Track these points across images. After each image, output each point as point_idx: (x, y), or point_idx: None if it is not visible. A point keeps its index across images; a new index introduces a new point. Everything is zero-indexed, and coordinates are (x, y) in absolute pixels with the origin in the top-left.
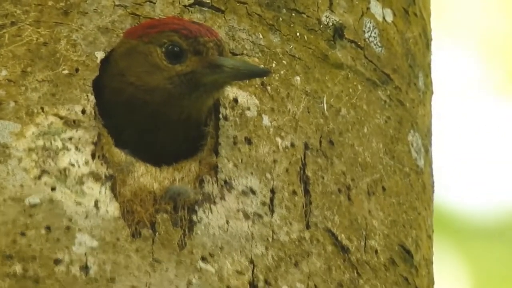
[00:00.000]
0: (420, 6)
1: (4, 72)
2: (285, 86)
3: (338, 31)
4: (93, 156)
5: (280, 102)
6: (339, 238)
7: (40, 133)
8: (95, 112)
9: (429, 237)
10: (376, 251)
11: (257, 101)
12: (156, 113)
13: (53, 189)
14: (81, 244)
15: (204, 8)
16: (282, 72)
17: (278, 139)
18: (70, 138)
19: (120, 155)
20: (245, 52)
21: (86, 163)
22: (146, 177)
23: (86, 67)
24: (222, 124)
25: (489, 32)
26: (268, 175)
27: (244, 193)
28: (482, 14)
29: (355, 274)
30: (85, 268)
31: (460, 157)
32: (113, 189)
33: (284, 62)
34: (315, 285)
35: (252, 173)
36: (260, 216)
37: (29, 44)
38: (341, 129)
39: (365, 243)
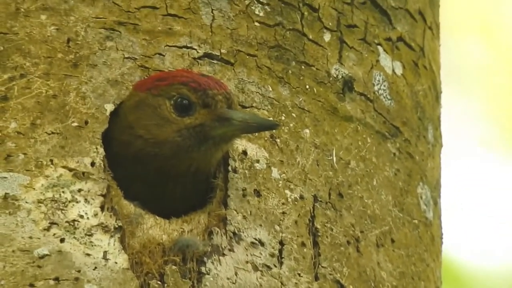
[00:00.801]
0: (430, 58)
1: (13, 124)
2: (295, 139)
3: (348, 84)
4: (102, 208)
5: (289, 155)
6: None
7: (49, 185)
8: (104, 165)
9: None
10: None
11: (266, 154)
12: (165, 165)
13: (62, 240)
14: None
15: (213, 61)
16: (291, 124)
17: (287, 192)
18: (79, 190)
19: (129, 207)
20: (254, 104)
21: (95, 215)
22: (155, 229)
23: (96, 119)
24: (231, 176)
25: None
26: (277, 227)
27: (253, 244)
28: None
29: None
30: None
31: (474, 215)
32: (122, 241)
33: (294, 114)
34: None
35: (261, 225)
36: (269, 267)
37: (39, 97)
38: (350, 181)
39: None
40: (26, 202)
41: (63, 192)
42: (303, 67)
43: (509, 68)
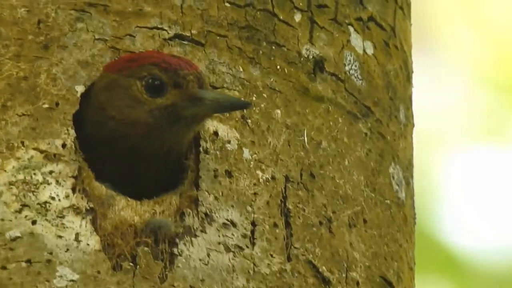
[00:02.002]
0: (401, 38)
1: None
2: (266, 119)
3: (319, 64)
4: (73, 189)
5: (260, 135)
6: (320, 270)
7: (21, 167)
8: (75, 146)
9: (411, 269)
10: (358, 283)
11: (237, 134)
12: (137, 146)
13: (33, 222)
14: (62, 277)
15: (184, 42)
16: (262, 105)
17: (259, 172)
18: (51, 172)
19: (100, 188)
20: (225, 85)
21: (67, 196)
22: (127, 210)
23: (66, 101)
24: (203, 157)
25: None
26: (249, 208)
27: (225, 225)
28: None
29: None
30: None
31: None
32: (93, 222)
33: (265, 95)
34: None
35: (232, 206)
36: (241, 248)
37: (9, 79)
38: (322, 162)
39: (346, 275)
40: None
41: (34, 174)
42: (274, 47)
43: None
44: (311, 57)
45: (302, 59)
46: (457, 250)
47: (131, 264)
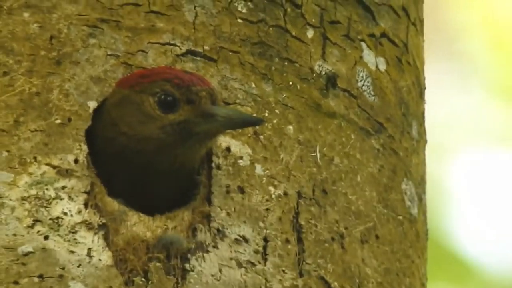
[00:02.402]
0: (414, 54)
1: None
2: (278, 135)
3: (331, 80)
4: (86, 205)
5: (273, 151)
6: (332, 286)
7: (33, 183)
8: (88, 162)
9: (423, 285)
10: None
11: (250, 150)
12: (149, 162)
13: (46, 238)
14: None
15: (196, 58)
16: (274, 121)
17: (271, 188)
18: (63, 187)
19: (113, 204)
20: (237, 101)
21: (79, 212)
22: (139, 226)
23: (79, 116)
24: (215, 173)
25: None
26: (261, 224)
27: (237, 241)
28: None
29: None
30: None
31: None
32: (106, 238)
33: (277, 111)
34: None
35: (245, 222)
36: (253, 264)
37: (22, 94)
38: (334, 178)
39: None
40: (10, 200)
41: (46, 189)
42: (286, 63)
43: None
44: (323, 73)
45: (314, 75)
46: (470, 259)
47: (143, 279)
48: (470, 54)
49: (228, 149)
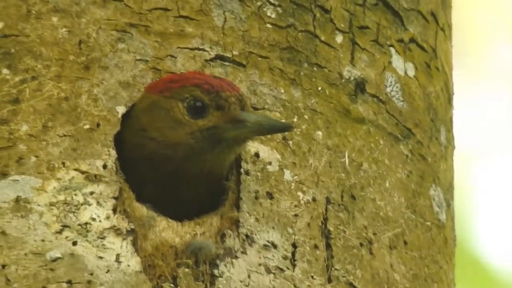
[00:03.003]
0: (442, 60)
1: (25, 127)
2: (307, 141)
3: (360, 86)
4: (114, 210)
5: (301, 157)
6: None
7: (62, 188)
8: (116, 167)
9: None
10: None
11: (278, 156)
12: (178, 168)
13: (74, 243)
14: None
15: (225, 63)
16: (303, 126)
17: (300, 194)
18: (92, 193)
19: (141, 209)
20: (266, 106)
21: (108, 217)
22: (168, 231)
23: (107, 122)
24: (244, 178)
25: None
26: (290, 230)
27: (265, 247)
28: None
29: None
30: None
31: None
32: (134, 243)
33: (306, 116)
34: None
35: (273, 228)
36: (281, 270)
37: (50, 99)
38: (362, 183)
39: None
40: (38, 205)
41: (75, 194)
42: (315, 68)
43: None
44: (352, 78)
45: (343, 80)
46: (496, 267)
47: (171, 285)
48: (499, 59)
49: (257, 154)
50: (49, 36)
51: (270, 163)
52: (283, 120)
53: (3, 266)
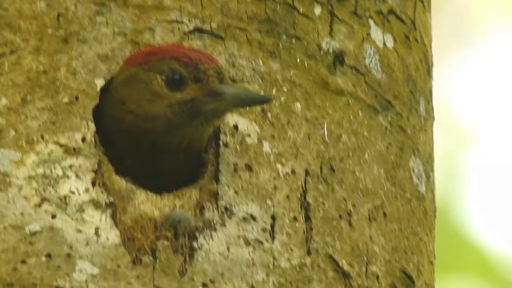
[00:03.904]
0: (421, 31)
1: (4, 101)
2: (286, 113)
3: (339, 57)
4: (93, 183)
5: (280, 129)
6: (340, 264)
7: (40, 161)
8: (95, 140)
9: (431, 263)
10: (378, 277)
11: (257, 128)
12: (157, 141)
13: (53, 216)
14: (82, 271)
15: (204, 35)
16: (282, 98)
17: (279, 166)
18: (71, 166)
19: (120, 182)
20: (245, 79)
21: (87, 190)
22: (147, 204)
23: (86, 95)
24: (223, 151)
25: None
26: (269, 202)
27: (244, 219)
28: None
29: None
30: None
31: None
32: (113, 216)
33: (285, 88)
34: None
35: (252, 200)
36: (261, 242)
37: (29, 73)
38: (342, 155)
39: (366, 269)
40: (17, 178)
41: (54, 168)
42: (293, 40)
43: None
44: (331, 50)
45: (322, 52)
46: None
47: (151, 258)
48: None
49: (235, 127)
50: (27, 9)
51: (249, 135)
52: (262, 92)
53: None
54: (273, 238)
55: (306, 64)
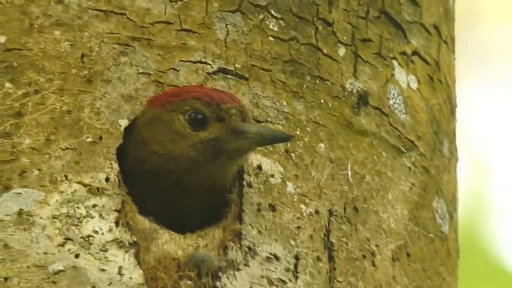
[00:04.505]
0: (445, 72)
1: (28, 140)
2: (309, 153)
3: (363, 98)
4: (116, 223)
5: (304, 169)
6: None
7: (64, 201)
8: (118, 180)
9: None
10: None
11: (281, 168)
12: (180, 180)
13: (76, 256)
14: None
15: (228, 76)
16: (306, 139)
17: (302, 206)
18: (94, 206)
19: (144, 222)
20: (269, 119)
21: (110, 230)
22: (170, 244)
23: (110, 135)
24: (246, 191)
25: None
26: (292, 242)
27: (268, 259)
28: None
29: None
30: None
31: None
32: (137, 256)
33: (308, 129)
34: None
35: (276, 240)
36: (284, 282)
37: (53, 112)
38: (365, 195)
39: None
40: (41, 218)
41: (77, 207)
42: (317, 81)
43: None
44: (355, 91)
45: (346, 93)
46: None
47: None
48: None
49: (259, 167)
50: (51, 49)
51: (272, 176)
52: (285, 131)
53: (6, 279)
54: (296, 278)
55: (330, 105)
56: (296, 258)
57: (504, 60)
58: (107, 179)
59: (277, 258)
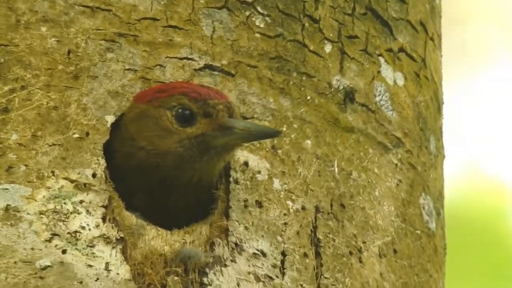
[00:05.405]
0: (432, 69)
1: (14, 136)
2: (296, 150)
3: (349, 95)
4: (103, 219)
5: (291, 166)
6: None
7: (51, 197)
8: (105, 176)
9: None
10: None
11: (268, 165)
12: (167, 176)
13: (64, 251)
14: None
15: (214, 72)
16: (292, 135)
17: (289, 202)
18: (81, 202)
19: (131, 218)
20: (255, 115)
21: (97, 226)
22: (157, 240)
23: (97, 131)
24: (233, 187)
25: None
26: (279, 238)
27: (255, 255)
28: None
29: None
30: None
31: None
32: (124, 252)
33: (295, 125)
34: None
35: (263, 236)
36: (271, 278)
37: (39, 108)
38: (352, 192)
39: None
40: (28, 214)
41: (64, 203)
42: (304, 78)
43: None
44: (341, 87)
45: (332, 89)
46: None
47: None
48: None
49: (246, 163)
50: (38, 45)
51: (259, 172)
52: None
53: None
54: (283, 274)
55: (316, 101)
56: (283, 254)
57: (487, 59)
58: (94, 175)
59: (264, 254)
